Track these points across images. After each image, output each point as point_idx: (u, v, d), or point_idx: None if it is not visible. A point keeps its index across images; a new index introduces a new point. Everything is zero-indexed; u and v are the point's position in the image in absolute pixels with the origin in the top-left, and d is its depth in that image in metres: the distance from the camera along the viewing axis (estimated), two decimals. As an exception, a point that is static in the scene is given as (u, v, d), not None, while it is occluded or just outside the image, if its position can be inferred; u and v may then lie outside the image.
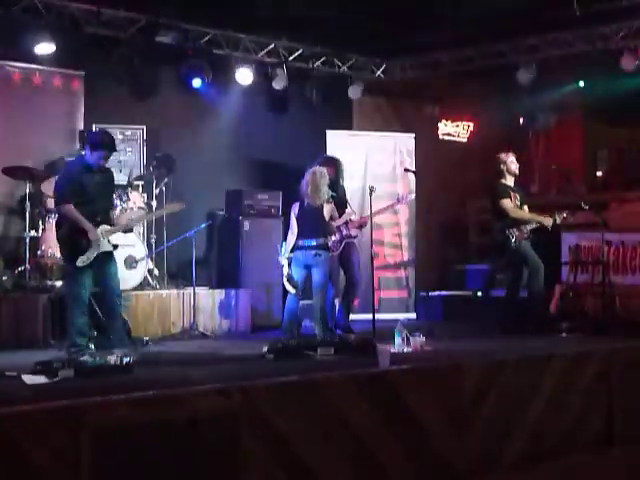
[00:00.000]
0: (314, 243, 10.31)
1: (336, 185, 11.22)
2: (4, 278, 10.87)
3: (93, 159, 8.55)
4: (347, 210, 11.33)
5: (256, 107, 13.82)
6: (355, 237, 11.29)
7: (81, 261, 8.45)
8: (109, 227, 8.69)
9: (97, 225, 8.56)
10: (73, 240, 8.52)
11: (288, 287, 10.52)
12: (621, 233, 12.39)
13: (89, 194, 8.58)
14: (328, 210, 10.46)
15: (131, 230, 10.02)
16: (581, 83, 14.81)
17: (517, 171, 11.27)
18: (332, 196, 10.52)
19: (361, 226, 11.54)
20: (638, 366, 8.87)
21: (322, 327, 10.28)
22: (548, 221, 11.02)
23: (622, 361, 8.81)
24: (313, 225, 10.37)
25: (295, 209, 10.56)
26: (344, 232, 11.16)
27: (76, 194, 8.49)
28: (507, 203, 11.02)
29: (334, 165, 11.43)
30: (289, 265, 10.50)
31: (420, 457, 7.19)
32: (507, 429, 7.82)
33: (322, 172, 10.50)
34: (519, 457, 7.83)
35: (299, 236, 10.41)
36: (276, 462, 6.34)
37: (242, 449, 6.15)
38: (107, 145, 8.64)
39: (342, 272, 11.49)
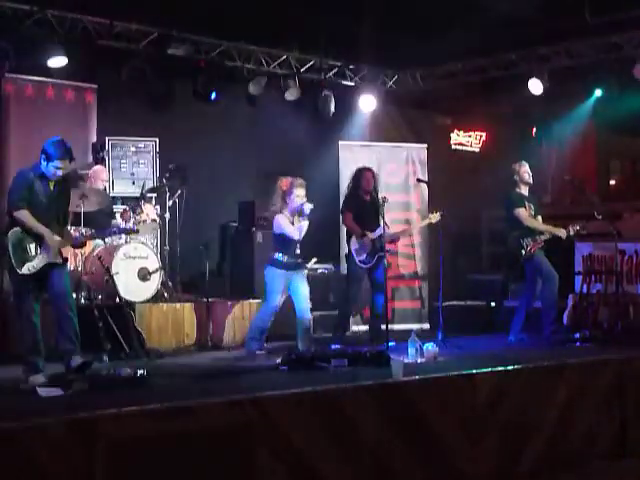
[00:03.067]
0: None
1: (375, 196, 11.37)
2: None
3: (49, 171, 8.24)
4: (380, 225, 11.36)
5: (268, 118, 13.85)
6: (387, 252, 11.32)
7: (27, 268, 8.24)
8: (60, 238, 8.51)
9: None
10: (22, 247, 8.30)
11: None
12: (634, 242, 12.37)
13: (41, 204, 8.35)
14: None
15: (82, 245, 9.47)
16: (597, 92, 14.76)
17: (530, 180, 11.29)
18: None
19: (393, 241, 11.67)
20: (652, 376, 8.86)
21: None
22: (562, 233, 11.05)
23: (635, 371, 8.80)
24: None
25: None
26: (378, 245, 11.24)
27: (27, 201, 8.20)
28: (522, 212, 11.04)
29: (372, 173, 11.58)
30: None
31: (434, 467, 7.19)
32: (521, 439, 7.81)
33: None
34: (533, 467, 7.82)
35: None
36: (291, 474, 6.35)
37: (256, 461, 6.16)
38: (63, 156, 8.29)
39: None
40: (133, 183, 12.22)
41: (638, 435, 8.61)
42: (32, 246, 8.20)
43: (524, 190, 11.26)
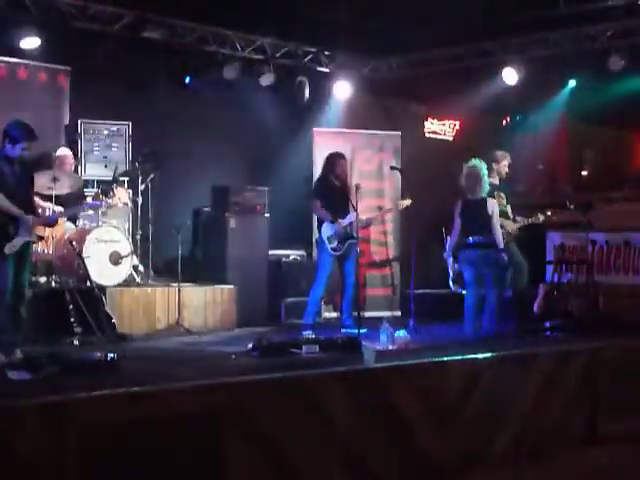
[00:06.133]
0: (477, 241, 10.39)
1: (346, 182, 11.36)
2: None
3: (15, 151, 8.28)
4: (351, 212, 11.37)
5: (243, 104, 13.80)
6: (356, 238, 11.30)
7: (9, 248, 8.29)
8: (33, 217, 8.57)
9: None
10: (2, 228, 8.38)
11: (454, 286, 10.76)
12: (606, 233, 12.44)
13: (10, 186, 8.42)
14: (491, 205, 10.45)
15: (56, 223, 9.50)
16: (572, 83, 14.80)
17: (505, 175, 11.33)
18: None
19: (365, 227, 11.66)
20: (621, 365, 8.92)
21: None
22: (511, 226, 11.06)
23: (605, 360, 8.85)
24: (475, 221, 10.43)
25: (458, 207, 10.63)
26: (349, 232, 11.24)
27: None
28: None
29: (345, 160, 11.57)
30: (456, 263, 10.64)
31: (405, 454, 7.21)
32: (492, 427, 7.84)
33: (479, 165, 10.51)
34: (503, 455, 7.86)
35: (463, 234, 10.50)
36: (260, 459, 6.35)
37: (226, 446, 6.16)
38: (29, 137, 8.38)
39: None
40: (105, 166, 12.16)
41: (608, 423, 8.66)
42: (11, 227, 8.24)
43: (495, 179, 11.26)
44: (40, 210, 9.68)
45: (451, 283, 10.89)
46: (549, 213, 11.22)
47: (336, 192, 11.42)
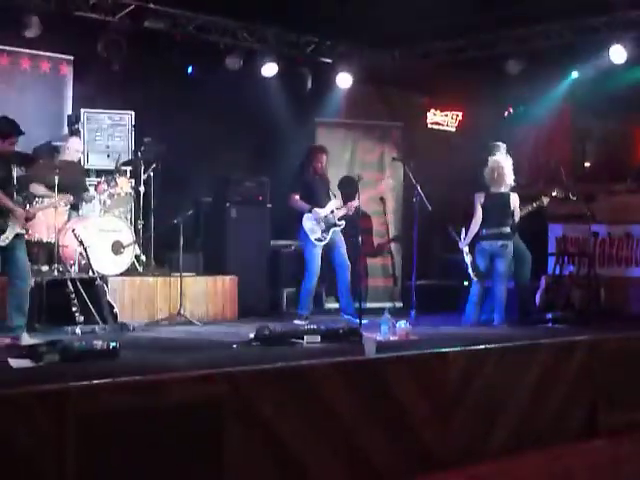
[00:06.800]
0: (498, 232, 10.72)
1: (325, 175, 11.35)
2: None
3: (4, 146, 8.57)
4: (332, 200, 11.41)
5: (245, 94, 13.77)
6: (340, 226, 11.34)
7: (2, 240, 8.45)
8: (22, 210, 8.69)
9: None
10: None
11: (473, 276, 10.91)
12: (608, 225, 12.44)
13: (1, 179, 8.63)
14: (514, 200, 10.81)
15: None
16: (574, 74, 14.77)
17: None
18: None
19: (345, 216, 11.58)
20: (621, 357, 8.92)
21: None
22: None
23: (606, 352, 8.85)
24: (498, 214, 10.73)
25: (480, 198, 10.85)
26: (331, 221, 11.25)
27: None
28: None
29: (326, 154, 11.55)
30: (472, 254, 10.86)
31: (405, 445, 7.21)
32: (492, 418, 7.85)
33: (501, 160, 10.85)
34: (503, 446, 7.86)
35: (483, 225, 10.78)
36: (261, 449, 6.36)
37: (226, 435, 6.16)
38: (19, 132, 8.69)
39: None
40: (108, 156, 12.17)
41: (608, 416, 8.67)
42: (1, 220, 8.44)
43: None
44: (44, 200, 9.84)
45: (472, 274, 10.92)
46: (554, 194, 11.22)
47: (315, 183, 11.41)
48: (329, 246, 11.42)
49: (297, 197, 11.42)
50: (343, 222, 11.47)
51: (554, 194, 11.24)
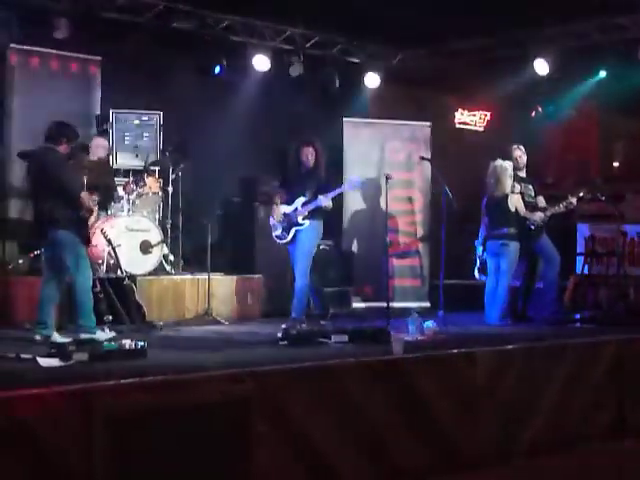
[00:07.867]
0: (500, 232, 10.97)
1: (319, 169, 10.93)
2: (20, 262, 10.96)
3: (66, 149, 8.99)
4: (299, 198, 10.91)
5: (272, 94, 13.79)
6: (302, 225, 10.82)
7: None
8: None
9: None
10: None
11: (477, 274, 11.28)
12: (636, 224, 12.38)
13: None
14: (514, 201, 11.05)
15: None
16: (602, 73, 14.69)
17: (521, 165, 11.34)
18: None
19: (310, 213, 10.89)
20: (651, 357, 8.89)
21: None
22: (541, 217, 11.07)
23: (634, 352, 8.82)
24: (498, 215, 11.03)
25: (484, 201, 11.31)
26: (293, 220, 10.85)
27: None
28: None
29: (313, 147, 11.07)
30: (484, 253, 11.21)
31: (432, 445, 7.21)
32: (520, 418, 7.84)
33: (502, 165, 11.14)
34: (532, 446, 7.85)
35: (488, 226, 11.20)
36: (288, 448, 6.37)
37: (254, 434, 6.17)
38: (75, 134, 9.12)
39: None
40: (136, 156, 12.20)
41: (637, 416, 8.63)
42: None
43: (518, 172, 11.29)
44: None
45: (476, 272, 11.03)
46: (581, 194, 11.17)
47: (296, 179, 10.96)
48: (290, 246, 10.93)
49: (279, 193, 11.10)
50: (306, 222, 10.78)
51: (582, 194, 11.19)
